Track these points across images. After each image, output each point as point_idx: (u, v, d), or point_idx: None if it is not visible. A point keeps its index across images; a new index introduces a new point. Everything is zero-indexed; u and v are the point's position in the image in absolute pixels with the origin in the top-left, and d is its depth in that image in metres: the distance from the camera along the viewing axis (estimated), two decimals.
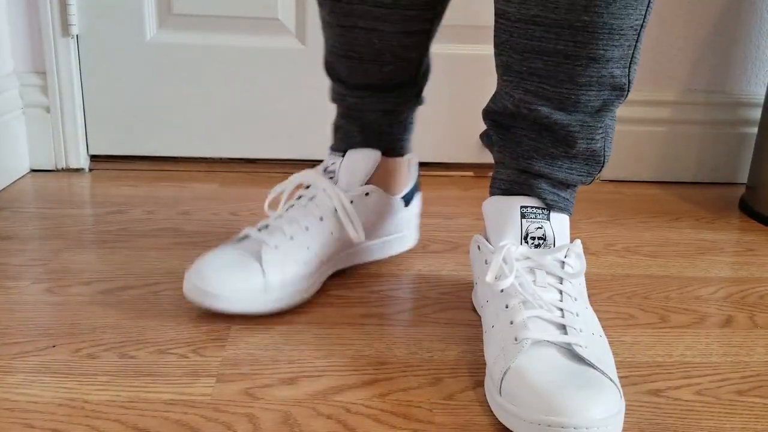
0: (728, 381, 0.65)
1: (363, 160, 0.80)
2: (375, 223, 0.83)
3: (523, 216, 0.66)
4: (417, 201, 0.89)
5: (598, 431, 0.51)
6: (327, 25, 0.77)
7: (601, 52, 0.61)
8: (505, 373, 0.56)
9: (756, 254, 0.96)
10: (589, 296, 0.80)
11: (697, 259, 0.93)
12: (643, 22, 0.62)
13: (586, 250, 0.94)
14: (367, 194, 0.80)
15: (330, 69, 0.81)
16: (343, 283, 0.81)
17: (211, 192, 1.13)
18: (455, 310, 0.76)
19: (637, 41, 0.63)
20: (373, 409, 0.58)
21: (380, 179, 0.82)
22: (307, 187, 0.80)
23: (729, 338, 0.72)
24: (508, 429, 0.56)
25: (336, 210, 0.77)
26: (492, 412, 0.58)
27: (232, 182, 1.18)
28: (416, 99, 0.84)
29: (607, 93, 0.64)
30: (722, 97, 1.24)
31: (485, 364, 0.65)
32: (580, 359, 0.57)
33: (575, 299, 0.62)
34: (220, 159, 1.26)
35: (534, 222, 0.66)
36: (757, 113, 1.24)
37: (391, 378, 0.63)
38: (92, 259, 0.86)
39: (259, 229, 0.75)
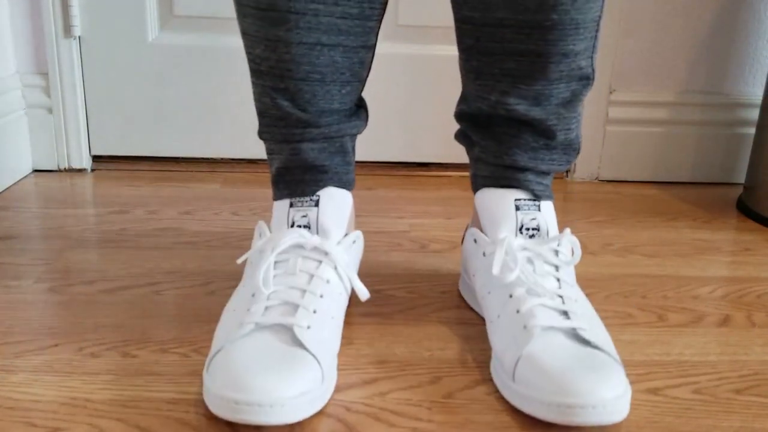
0: (726, 380, 0.65)
1: (340, 203, 0.69)
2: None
3: (517, 208, 0.69)
4: None
5: (613, 409, 0.54)
6: (282, 46, 0.64)
7: (571, 47, 0.64)
8: (518, 360, 0.58)
9: (753, 254, 0.96)
10: (587, 295, 0.81)
11: (695, 259, 0.93)
12: (601, 14, 0.66)
13: (585, 250, 0.94)
14: (354, 242, 0.70)
15: (276, 103, 0.67)
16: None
17: (212, 192, 1.14)
18: (455, 309, 0.76)
19: (597, 32, 0.66)
20: (373, 408, 0.59)
21: (351, 221, 0.73)
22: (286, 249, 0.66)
23: (726, 337, 0.73)
24: (506, 425, 0.57)
25: (336, 268, 0.65)
26: (494, 410, 0.58)
27: (234, 182, 1.19)
28: (366, 123, 0.75)
29: (575, 84, 0.67)
30: (720, 98, 1.25)
31: (484, 362, 0.66)
32: (586, 342, 0.59)
33: (571, 285, 0.66)
34: (222, 159, 1.27)
35: (528, 214, 0.68)
36: (754, 114, 1.25)
37: (391, 377, 0.63)
38: (94, 259, 0.86)
39: (265, 312, 0.61)
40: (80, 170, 1.22)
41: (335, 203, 0.68)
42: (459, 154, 1.26)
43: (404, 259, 0.90)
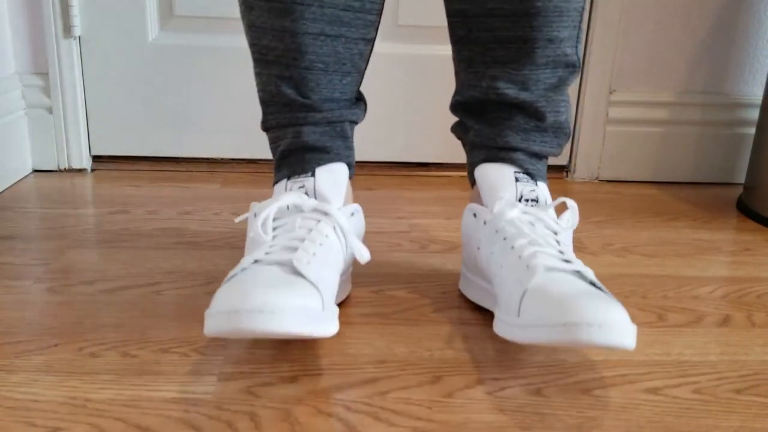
0: (726, 380, 0.65)
1: (338, 176, 0.71)
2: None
3: (517, 180, 0.71)
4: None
5: (620, 330, 0.54)
6: (288, 35, 0.67)
7: (555, 33, 0.68)
8: (523, 295, 0.59)
9: (753, 254, 0.96)
10: None
11: (695, 259, 0.93)
12: (583, 4, 0.70)
13: (584, 250, 0.95)
14: (352, 214, 0.72)
15: (281, 91, 0.70)
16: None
17: (212, 192, 1.14)
18: (455, 309, 0.76)
19: (580, 22, 0.70)
20: (373, 407, 0.59)
21: (348, 199, 0.75)
22: (287, 208, 0.68)
23: (726, 337, 0.73)
24: (506, 425, 0.57)
25: (335, 228, 0.67)
26: (494, 410, 0.59)
27: (234, 182, 1.19)
28: (364, 114, 0.77)
29: (561, 70, 0.71)
30: (720, 98, 1.25)
31: (484, 362, 0.66)
32: (591, 283, 0.61)
33: (570, 250, 0.68)
34: (222, 159, 1.27)
35: (527, 185, 0.71)
36: (754, 114, 1.25)
37: (391, 376, 0.63)
38: (95, 259, 0.86)
39: (267, 254, 0.62)
40: (80, 170, 1.22)
41: (332, 174, 0.71)
42: (459, 154, 1.26)
43: (404, 259, 0.90)
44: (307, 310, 0.55)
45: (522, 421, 0.57)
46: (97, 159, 1.25)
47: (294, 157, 0.72)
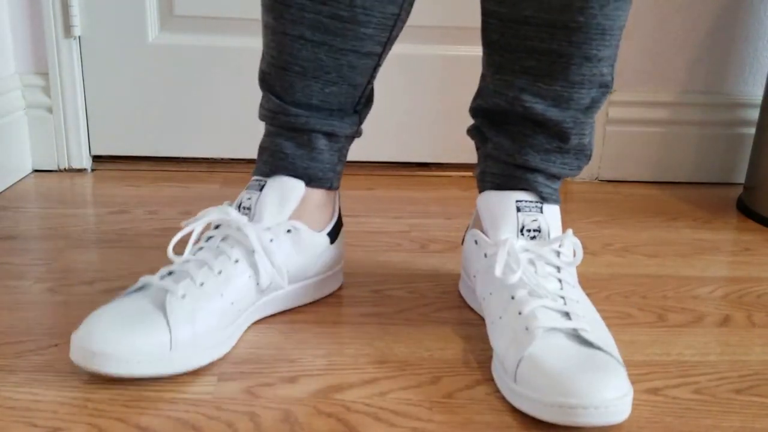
0: (726, 380, 0.65)
1: (284, 191, 0.70)
2: (298, 264, 0.72)
3: (518, 210, 0.69)
4: (342, 237, 0.79)
5: (615, 410, 0.55)
6: (270, 32, 0.69)
7: (594, 51, 0.65)
8: (519, 361, 0.58)
9: (753, 254, 0.96)
10: (587, 295, 0.81)
11: (695, 259, 0.93)
12: (626, 22, 0.66)
13: (585, 250, 0.94)
14: (288, 231, 0.70)
15: (264, 81, 0.72)
16: (342, 283, 0.81)
17: (212, 192, 1.14)
18: (455, 309, 0.76)
19: (619, 40, 0.66)
20: (373, 408, 0.59)
21: (304, 213, 0.72)
22: (217, 226, 0.69)
23: (727, 337, 0.73)
24: (506, 425, 0.57)
25: (254, 251, 0.67)
26: (494, 410, 0.59)
27: (234, 182, 1.19)
28: (355, 129, 0.74)
29: (595, 90, 0.67)
30: (720, 98, 1.25)
31: (484, 362, 0.66)
32: (588, 343, 0.59)
33: (573, 286, 0.65)
34: (222, 159, 1.27)
35: (529, 215, 0.68)
36: (754, 114, 1.25)
37: (391, 376, 0.63)
38: (94, 259, 0.86)
39: (162, 277, 0.64)
40: (80, 170, 1.22)
41: (278, 191, 0.71)
42: (459, 154, 1.26)
43: (404, 259, 0.90)
44: (151, 354, 0.59)
45: (522, 421, 0.57)
46: (97, 159, 1.25)
47: (262, 155, 0.74)
